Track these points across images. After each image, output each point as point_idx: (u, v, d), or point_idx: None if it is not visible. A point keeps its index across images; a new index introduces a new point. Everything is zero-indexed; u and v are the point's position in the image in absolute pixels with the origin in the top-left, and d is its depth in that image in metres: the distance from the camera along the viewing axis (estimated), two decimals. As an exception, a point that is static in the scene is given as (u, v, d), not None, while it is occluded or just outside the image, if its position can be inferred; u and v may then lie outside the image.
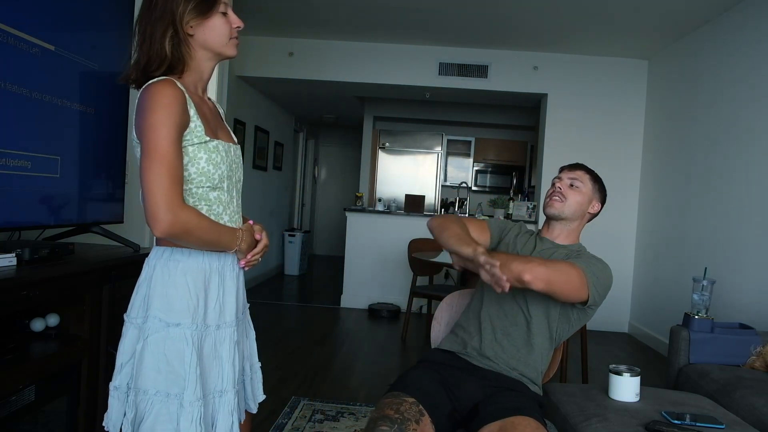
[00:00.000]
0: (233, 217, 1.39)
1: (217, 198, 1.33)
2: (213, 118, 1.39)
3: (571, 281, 1.65)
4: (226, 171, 1.34)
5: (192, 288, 1.28)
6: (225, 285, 1.37)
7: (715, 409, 2.00)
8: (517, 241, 1.91)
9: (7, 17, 1.66)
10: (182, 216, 1.19)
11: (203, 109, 1.34)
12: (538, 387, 1.79)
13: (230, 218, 1.38)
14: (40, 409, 1.70)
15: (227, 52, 1.36)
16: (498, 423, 1.55)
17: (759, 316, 3.44)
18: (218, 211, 1.34)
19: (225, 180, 1.34)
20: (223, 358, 1.33)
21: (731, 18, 4.13)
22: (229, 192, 1.37)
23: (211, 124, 1.35)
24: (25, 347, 1.71)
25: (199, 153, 1.28)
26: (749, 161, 3.78)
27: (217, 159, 1.31)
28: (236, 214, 1.41)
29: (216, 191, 1.33)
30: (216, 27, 1.32)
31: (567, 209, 1.85)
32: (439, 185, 8.15)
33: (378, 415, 1.55)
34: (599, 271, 1.73)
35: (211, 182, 1.31)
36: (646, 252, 5.34)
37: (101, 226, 2.16)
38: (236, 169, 1.40)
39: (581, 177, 1.89)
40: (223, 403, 1.32)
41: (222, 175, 1.33)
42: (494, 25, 4.94)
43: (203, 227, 1.25)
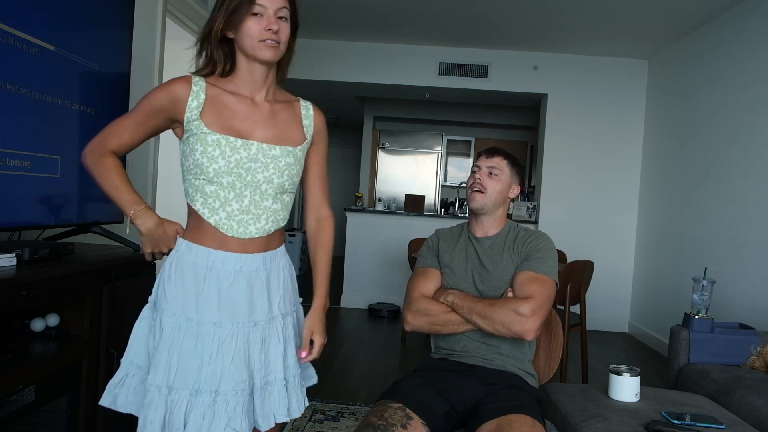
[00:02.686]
0: (237, 217, 1.34)
1: (214, 192, 1.33)
2: (248, 117, 1.37)
3: (550, 296, 1.76)
4: (226, 167, 1.31)
5: (180, 280, 1.33)
6: (222, 284, 1.33)
7: (715, 409, 2.00)
8: (453, 257, 1.89)
9: (7, 17, 1.66)
10: (89, 155, 1.35)
11: (228, 105, 1.36)
12: (533, 378, 1.80)
13: (229, 216, 1.33)
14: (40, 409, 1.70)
15: (258, 55, 1.33)
16: (495, 421, 1.56)
17: (759, 316, 3.44)
18: (214, 206, 1.33)
19: (225, 176, 1.32)
20: (203, 357, 1.31)
21: (731, 18, 4.13)
22: (235, 190, 1.33)
23: (237, 121, 1.35)
24: (25, 347, 1.71)
25: (195, 145, 1.32)
26: (749, 161, 3.78)
27: (214, 153, 1.31)
28: (245, 215, 1.35)
29: (213, 185, 1.32)
30: (246, 30, 1.32)
31: (489, 201, 1.86)
32: (439, 185, 8.15)
33: (363, 423, 1.57)
34: (554, 259, 1.82)
35: (206, 175, 1.32)
36: (646, 252, 5.34)
37: (101, 226, 2.15)
38: (258, 170, 1.35)
39: (499, 164, 1.89)
40: (197, 403, 1.29)
41: (219, 169, 1.31)
42: (494, 25, 4.94)
43: (99, 175, 1.35)
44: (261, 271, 1.39)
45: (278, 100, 1.45)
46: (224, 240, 1.35)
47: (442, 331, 1.81)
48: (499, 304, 1.71)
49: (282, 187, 1.39)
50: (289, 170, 1.39)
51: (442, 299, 1.79)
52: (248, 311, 1.36)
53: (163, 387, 1.28)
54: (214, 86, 1.36)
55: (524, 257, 1.81)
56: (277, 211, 1.39)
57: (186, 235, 1.37)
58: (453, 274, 1.86)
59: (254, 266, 1.37)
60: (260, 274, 1.39)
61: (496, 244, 1.86)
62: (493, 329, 1.70)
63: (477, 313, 1.72)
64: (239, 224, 1.35)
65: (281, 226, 1.43)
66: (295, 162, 1.41)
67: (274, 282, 1.42)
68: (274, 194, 1.38)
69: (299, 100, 1.50)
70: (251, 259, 1.37)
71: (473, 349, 1.80)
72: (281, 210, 1.41)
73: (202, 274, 1.33)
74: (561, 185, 5.66)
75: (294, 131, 1.43)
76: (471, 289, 1.82)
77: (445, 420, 1.65)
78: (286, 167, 1.39)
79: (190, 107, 1.32)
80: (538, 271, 1.76)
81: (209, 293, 1.33)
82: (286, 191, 1.41)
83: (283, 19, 1.34)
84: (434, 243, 1.95)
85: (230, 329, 1.34)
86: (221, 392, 1.30)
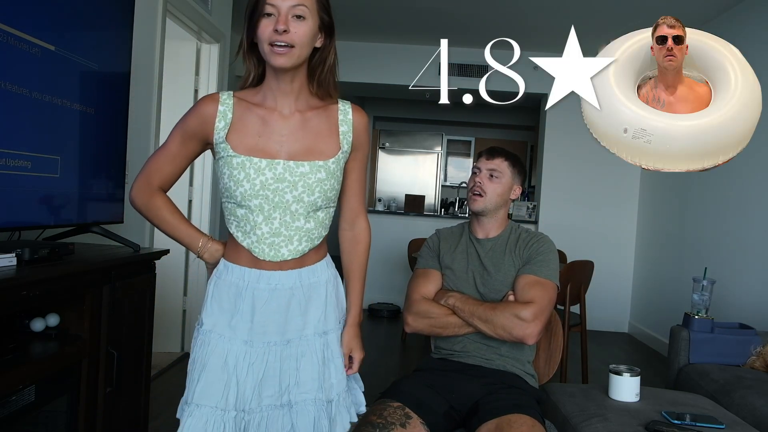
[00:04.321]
0: (268, 240, 1.29)
1: (244, 216, 1.29)
2: (274, 132, 1.29)
3: (552, 300, 1.76)
4: (252, 190, 1.26)
5: (218, 298, 1.33)
6: (256, 302, 1.30)
7: (715, 409, 2.00)
8: (454, 259, 1.89)
9: (7, 17, 1.66)
10: (137, 199, 1.36)
11: (255, 122, 1.29)
12: (533, 378, 1.80)
13: (260, 240, 1.28)
14: (40, 409, 1.70)
15: (270, 62, 1.24)
16: (495, 421, 1.56)
17: (759, 316, 3.44)
18: (245, 229, 1.29)
19: (252, 199, 1.26)
20: (231, 375, 1.29)
21: (731, 18, 4.13)
22: (263, 213, 1.27)
23: (263, 138, 1.28)
24: (25, 347, 1.71)
25: (223, 168, 1.28)
26: (749, 161, 3.78)
27: (240, 176, 1.26)
28: (276, 237, 1.29)
29: (242, 209, 1.28)
30: (259, 33, 1.23)
31: (489, 203, 1.85)
32: (439, 185, 8.16)
33: (362, 422, 1.57)
34: (555, 262, 1.82)
35: (234, 199, 1.28)
36: (646, 252, 5.34)
37: (101, 226, 2.15)
38: (286, 190, 1.27)
39: (500, 166, 1.87)
40: (227, 419, 1.27)
41: (245, 193, 1.26)
42: (494, 25, 4.94)
43: (152, 217, 1.36)
44: (297, 288, 1.33)
45: (312, 106, 1.33)
46: (258, 260, 1.30)
47: (442, 334, 1.81)
48: (500, 309, 1.71)
49: (314, 205, 1.30)
50: (321, 186, 1.29)
51: (443, 302, 1.79)
52: (282, 329, 1.31)
53: (191, 404, 1.27)
54: (242, 101, 1.30)
55: (526, 260, 1.80)
56: (310, 230, 1.31)
57: (225, 254, 1.35)
58: (454, 276, 1.85)
59: (290, 283, 1.32)
60: (296, 292, 1.32)
61: (498, 246, 1.86)
62: (495, 333, 1.70)
63: (478, 317, 1.72)
64: (270, 247, 1.29)
65: (316, 244, 1.34)
66: (328, 176, 1.30)
67: (315, 298, 1.35)
68: (306, 213, 1.30)
69: (338, 103, 1.38)
70: (286, 277, 1.31)
71: (473, 350, 1.80)
72: (315, 228, 1.32)
73: (238, 293, 1.30)
74: (561, 185, 5.66)
75: (326, 142, 1.32)
76: (472, 291, 1.82)
77: (444, 420, 1.65)
78: (317, 184, 1.28)
79: (218, 129, 1.28)
80: (539, 274, 1.76)
81: (244, 311, 1.30)
82: (320, 208, 1.31)
83: (299, 18, 1.22)
84: (435, 243, 1.94)
85: (262, 348, 1.30)
86: (249, 410, 1.28)
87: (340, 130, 1.34)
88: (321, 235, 1.34)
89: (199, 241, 1.35)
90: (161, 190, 1.36)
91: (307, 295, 1.34)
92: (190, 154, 1.35)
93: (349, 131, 1.35)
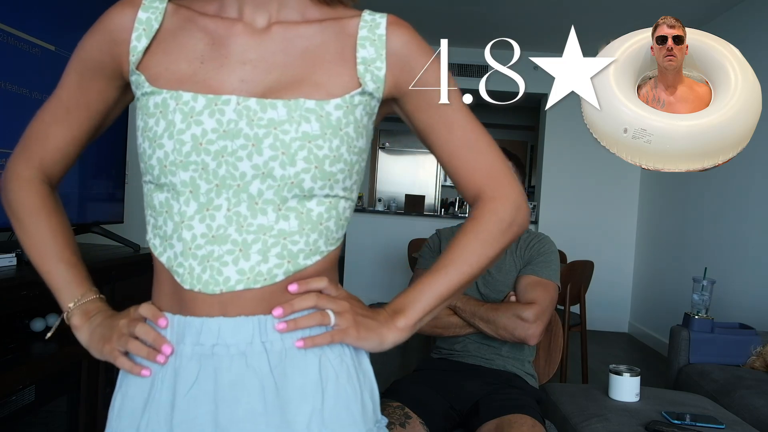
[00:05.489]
0: (200, 251, 0.70)
1: (165, 205, 0.72)
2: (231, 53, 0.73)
3: (553, 300, 1.76)
4: (176, 152, 0.69)
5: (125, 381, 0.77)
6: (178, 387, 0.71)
7: (715, 409, 2.00)
8: None
9: (7, 17, 1.66)
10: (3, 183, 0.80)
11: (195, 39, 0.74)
12: (533, 378, 1.81)
13: (185, 251, 0.71)
14: (40, 409, 1.70)
15: None
16: (495, 421, 1.56)
17: (759, 316, 3.43)
18: (166, 231, 0.72)
19: (177, 170, 0.69)
20: None
21: (731, 18, 4.13)
22: (196, 197, 0.70)
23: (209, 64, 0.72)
24: (25, 347, 1.71)
25: (138, 121, 0.73)
26: (749, 161, 3.78)
27: (157, 128, 0.69)
28: (216, 244, 0.70)
29: (162, 192, 0.72)
30: None
31: None
32: (439, 185, 8.16)
33: None
34: (557, 263, 1.82)
35: (150, 173, 0.71)
36: (646, 252, 5.34)
37: (101, 226, 2.15)
38: (242, 152, 0.69)
39: None
40: None
41: (164, 159, 0.69)
42: (494, 25, 4.94)
43: (15, 224, 0.80)
44: (259, 356, 0.70)
45: (309, 18, 0.76)
46: (183, 294, 0.72)
47: (444, 334, 1.81)
48: (502, 309, 1.71)
49: (297, 185, 0.70)
50: (310, 148, 0.69)
51: None
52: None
53: None
54: (182, 8, 0.76)
55: (527, 261, 1.80)
56: (288, 235, 0.71)
57: (152, 295, 0.79)
58: None
59: (242, 344, 0.70)
60: (256, 363, 0.70)
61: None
62: (496, 334, 1.70)
63: (480, 318, 1.72)
64: (205, 265, 0.70)
65: (302, 266, 0.72)
66: (324, 131, 0.70)
67: (296, 380, 0.71)
68: (280, 201, 0.70)
69: (363, 13, 0.77)
70: (234, 329, 0.70)
71: (473, 350, 1.80)
72: (300, 233, 0.71)
73: (150, 366, 0.72)
74: (561, 185, 5.66)
75: (329, 71, 0.73)
76: (473, 292, 1.82)
77: (444, 419, 1.65)
78: (301, 142, 0.69)
79: (133, 49, 0.74)
80: (541, 275, 1.76)
81: (158, 405, 0.71)
82: (311, 194, 0.71)
83: None
84: (435, 243, 1.94)
85: None
86: None
87: (358, 55, 0.74)
88: (314, 249, 0.73)
89: (75, 291, 0.80)
90: (43, 174, 0.81)
91: (283, 372, 0.71)
92: (97, 103, 0.79)
93: (379, 57, 0.74)
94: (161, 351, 0.71)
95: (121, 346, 0.73)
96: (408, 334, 0.80)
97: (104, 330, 0.76)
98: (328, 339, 0.73)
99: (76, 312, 0.80)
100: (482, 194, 0.81)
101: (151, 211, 0.74)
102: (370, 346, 0.77)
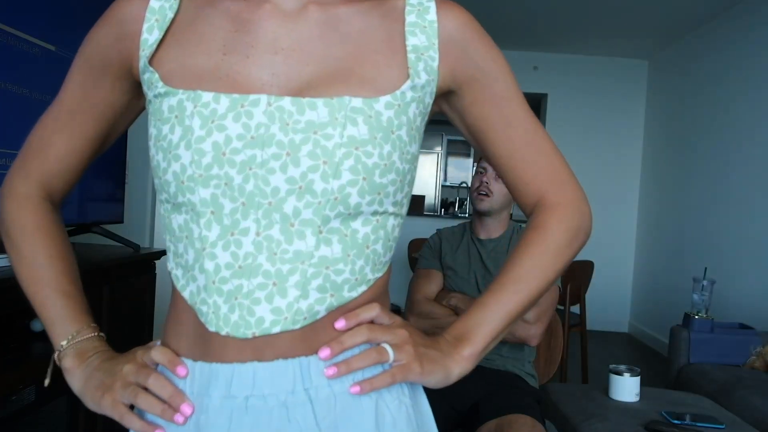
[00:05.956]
0: (226, 285, 0.59)
1: (184, 228, 0.61)
2: (258, 43, 0.62)
3: (554, 301, 1.76)
4: (194, 164, 0.58)
5: None
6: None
7: (715, 409, 2.00)
8: (455, 259, 1.89)
9: (8, 17, 1.66)
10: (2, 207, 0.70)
11: (215, 25, 0.64)
12: (533, 378, 1.81)
13: (208, 286, 0.60)
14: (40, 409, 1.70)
15: None
16: (495, 421, 1.56)
17: (759, 316, 3.44)
18: (188, 261, 0.62)
19: (197, 186, 0.58)
20: None
21: (731, 18, 4.13)
22: (219, 219, 0.59)
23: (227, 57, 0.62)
24: (25, 347, 1.71)
25: (150, 127, 0.62)
26: (749, 161, 3.78)
27: (172, 136, 0.59)
28: (246, 278, 0.59)
29: (181, 213, 0.61)
30: None
31: (495, 203, 1.85)
32: (439, 185, 8.16)
33: None
34: None
35: (166, 191, 0.61)
36: (646, 252, 5.34)
37: (101, 226, 2.15)
38: (275, 163, 0.58)
39: None
40: None
41: (182, 173, 0.58)
42: (494, 25, 4.94)
43: (9, 247, 0.69)
44: (303, 407, 0.60)
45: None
46: (207, 337, 0.61)
47: None
48: None
49: (343, 201, 0.59)
50: (358, 156, 0.58)
51: (444, 302, 1.79)
52: None
53: None
54: None
55: None
56: (331, 262, 0.60)
57: (164, 334, 0.68)
58: (456, 277, 1.85)
59: (282, 394, 0.60)
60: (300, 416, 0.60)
61: (500, 246, 1.86)
62: None
63: None
64: (230, 301, 0.59)
65: (347, 298, 0.62)
66: (374, 134, 0.59)
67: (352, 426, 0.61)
68: (321, 222, 0.59)
69: None
70: (272, 376, 0.60)
71: None
72: (345, 259, 0.61)
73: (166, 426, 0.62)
74: (561, 185, 5.66)
75: (377, 63, 0.63)
76: (474, 292, 1.82)
77: (444, 420, 1.65)
78: (347, 149, 0.58)
79: (144, 42, 0.64)
80: None
81: None
82: (358, 211, 0.60)
83: None
84: (436, 244, 1.94)
85: None
86: None
87: (408, 44, 0.64)
88: (360, 278, 0.62)
89: (70, 327, 0.69)
90: (43, 190, 0.70)
91: (333, 424, 0.60)
92: (104, 107, 0.69)
93: (432, 46, 0.64)
94: (179, 410, 0.60)
95: (127, 398, 0.62)
96: (474, 364, 0.69)
97: (103, 376, 0.65)
98: (388, 380, 0.61)
99: (69, 352, 0.69)
100: (545, 200, 0.72)
101: (170, 236, 0.64)
102: (435, 382, 0.66)
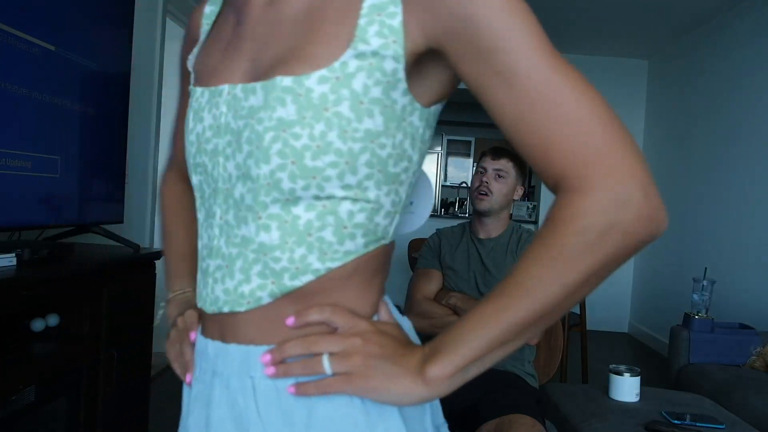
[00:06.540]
0: (204, 263, 0.64)
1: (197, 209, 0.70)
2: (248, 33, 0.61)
3: None
4: (187, 153, 0.65)
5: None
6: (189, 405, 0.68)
7: (715, 409, 2.00)
8: (455, 259, 1.89)
9: (7, 17, 1.66)
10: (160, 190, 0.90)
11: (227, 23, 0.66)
12: (533, 378, 1.80)
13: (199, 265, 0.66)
14: (40, 409, 1.70)
15: None
16: (495, 421, 1.56)
17: (759, 316, 3.44)
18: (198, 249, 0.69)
19: (192, 174, 0.65)
20: None
21: (731, 17, 4.13)
22: (203, 203, 0.64)
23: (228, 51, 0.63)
24: (25, 347, 1.71)
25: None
26: (749, 160, 3.78)
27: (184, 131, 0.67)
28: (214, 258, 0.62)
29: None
30: None
31: (495, 203, 1.86)
32: (439, 185, 8.16)
33: None
34: None
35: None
36: (646, 252, 5.34)
37: (101, 226, 2.15)
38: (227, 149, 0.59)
39: (506, 166, 1.89)
40: None
41: (189, 163, 0.65)
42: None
43: (161, 217, 0.88)
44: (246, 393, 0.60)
45: None
46: (202, 313, 0.68)
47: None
48: None
49: (277, 185, 0.56)
50: (289, 139, 0.54)
51: (444, 302, 1.79)
52: None
53: None
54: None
55: None
56: (269, 249, 0.58)
57: None
58: (455, 276, 1.86)
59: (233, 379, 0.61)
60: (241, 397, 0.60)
61: (499, 246, 1.86)
62: None
63: None
64: (205, 278, 0.64)
65: (289, 287, 0.58)
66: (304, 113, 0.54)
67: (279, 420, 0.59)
68: (260, 206, 0.57)
69: None
70: (225, 358, 0.62)
71: None
72: (282, 247, 0.58)
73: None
74: (561, 185, 5.66)
75: (329, 33, 0.55)
76: (473, 292, 1.82)
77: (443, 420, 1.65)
78: (276, 131, 0.55)
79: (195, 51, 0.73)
80: None
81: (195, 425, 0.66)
82: (298, 198, 0.56)
83: None
84: (436, 243, 1.95)
85: None
86: None
87: (364, 5, 0.55)
88: (302, 267, 0.58)
89: (176, 284, 0.81)
90: (181, 174, 0.84)
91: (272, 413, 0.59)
92: None
93: (393, 2, 0.54)
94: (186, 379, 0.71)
95: (169, 354, 0.76)
96: (443, 389, 0.57)
97: (171, 328, 0.78)
98: (324, 389, 0.57)
99: (171, 303, 0.82)
100: (564, 183, 0.54)
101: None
102: (385, 400, 0.58)
